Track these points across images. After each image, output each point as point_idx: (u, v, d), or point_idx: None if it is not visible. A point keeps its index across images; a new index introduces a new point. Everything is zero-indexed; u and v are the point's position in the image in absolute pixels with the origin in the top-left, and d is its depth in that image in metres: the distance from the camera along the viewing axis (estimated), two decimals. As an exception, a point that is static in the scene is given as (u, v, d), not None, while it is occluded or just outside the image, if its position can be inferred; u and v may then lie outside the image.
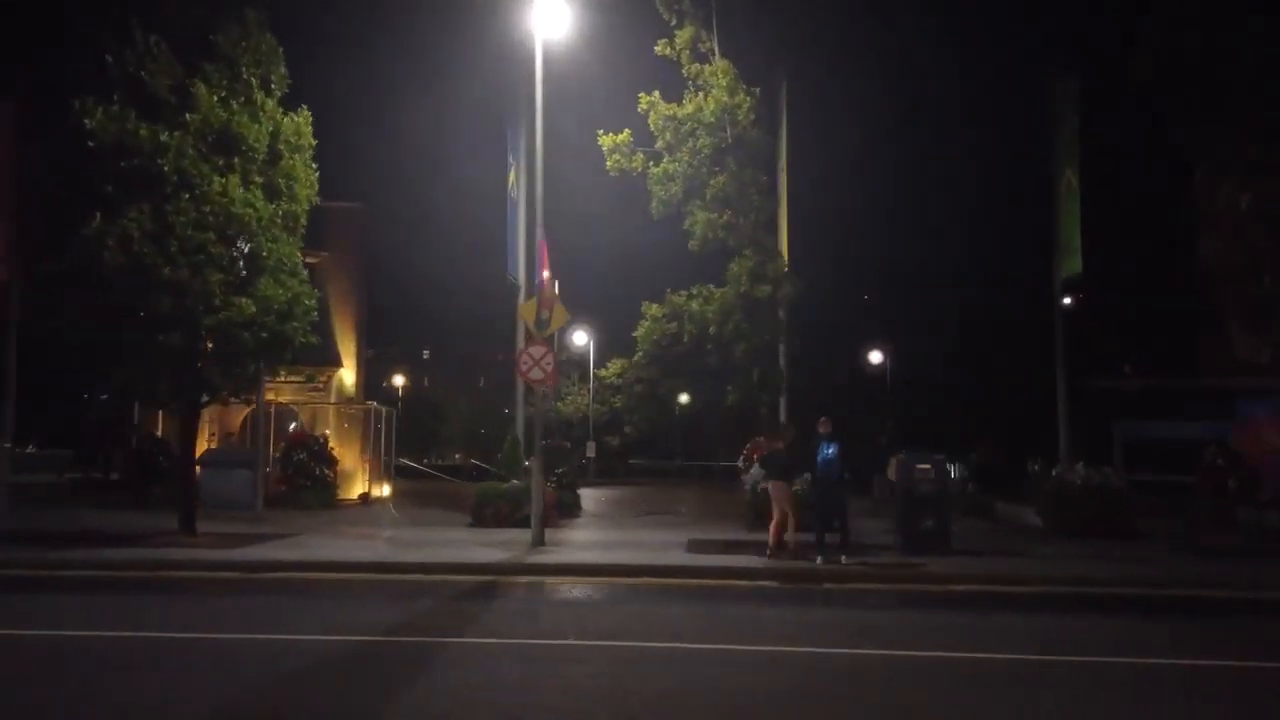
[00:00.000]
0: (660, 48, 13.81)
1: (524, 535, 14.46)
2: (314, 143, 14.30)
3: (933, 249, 32.09)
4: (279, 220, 13.49)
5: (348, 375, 25.20)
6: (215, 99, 13.10)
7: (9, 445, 18.94)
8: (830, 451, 11.55)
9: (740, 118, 12.99)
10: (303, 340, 13.72)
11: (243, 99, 13.45)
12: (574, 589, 10.09)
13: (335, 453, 21.77)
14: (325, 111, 14.76)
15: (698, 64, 13.78)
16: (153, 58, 13.04)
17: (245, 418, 25.47)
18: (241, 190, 12.99)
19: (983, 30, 47.19)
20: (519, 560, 11.64)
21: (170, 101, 13.06)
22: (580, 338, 49.98)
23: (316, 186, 14.35)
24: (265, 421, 19.60)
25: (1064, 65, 16.89)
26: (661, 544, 13.67)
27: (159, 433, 24.65)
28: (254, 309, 12.89)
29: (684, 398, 55.94)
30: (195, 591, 9.79)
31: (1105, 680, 6.49)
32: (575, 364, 51.85)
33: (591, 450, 46.22)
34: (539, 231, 13.80)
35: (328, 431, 23.36)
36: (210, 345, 12.99)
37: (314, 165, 14.29)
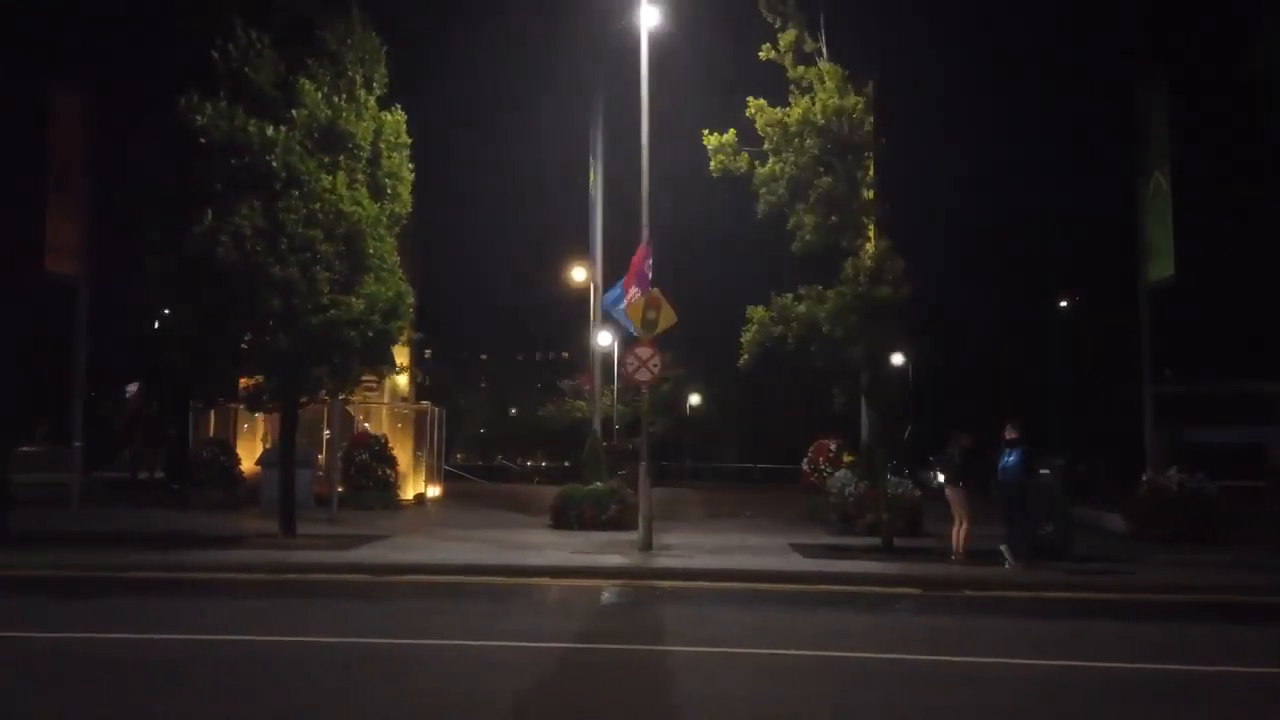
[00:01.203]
0: (764, 52, 13.65)
1: (621, 537, 14.40)
2: (409, 141, 14.16)
3: (1001, 252, 32.08)
4: (385, 220, 13.35)
5: (400, 375, 25.01)
6: (319, 95, 12.97)
7: (79, 444, 18.82)
8: (1012, 458, 11.47)
9: (856, 118, 12.87)
10: (403, 340, 13.58)
11: (345, 96, 13.31)
12: (720, 594, 9.94)
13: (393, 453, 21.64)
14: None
15: (802, 66, 13.65)
16: (256, 53, 12.88)
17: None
18: (349, 189, 12.85)
19: (1070, 29, 47.12)
20: (643, 564, 11.50)
21: (274, 97, 12.91)
22: (605, 338, 49.84)
23: (412, 186, 14.22)
24: (335, 422, 19.41)
25: (1154, 65, 16.83)
26: (766, 548, 13.55)
27: (210, 433, 24.47)
28: (362, 307, 12.75)
29: (695, 399, 55.80)
30: (341, 595, 9.62)
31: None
32: (602, 363, 51.64)
33: (615, 452, 46.03)
34: (645, 232, 13.69)
35: (378, 431, 23.22)
36: (316, 345, 12.82)
37: (411, 165, 14.17)
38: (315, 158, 12.80)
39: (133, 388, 38.49)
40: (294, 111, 12.72)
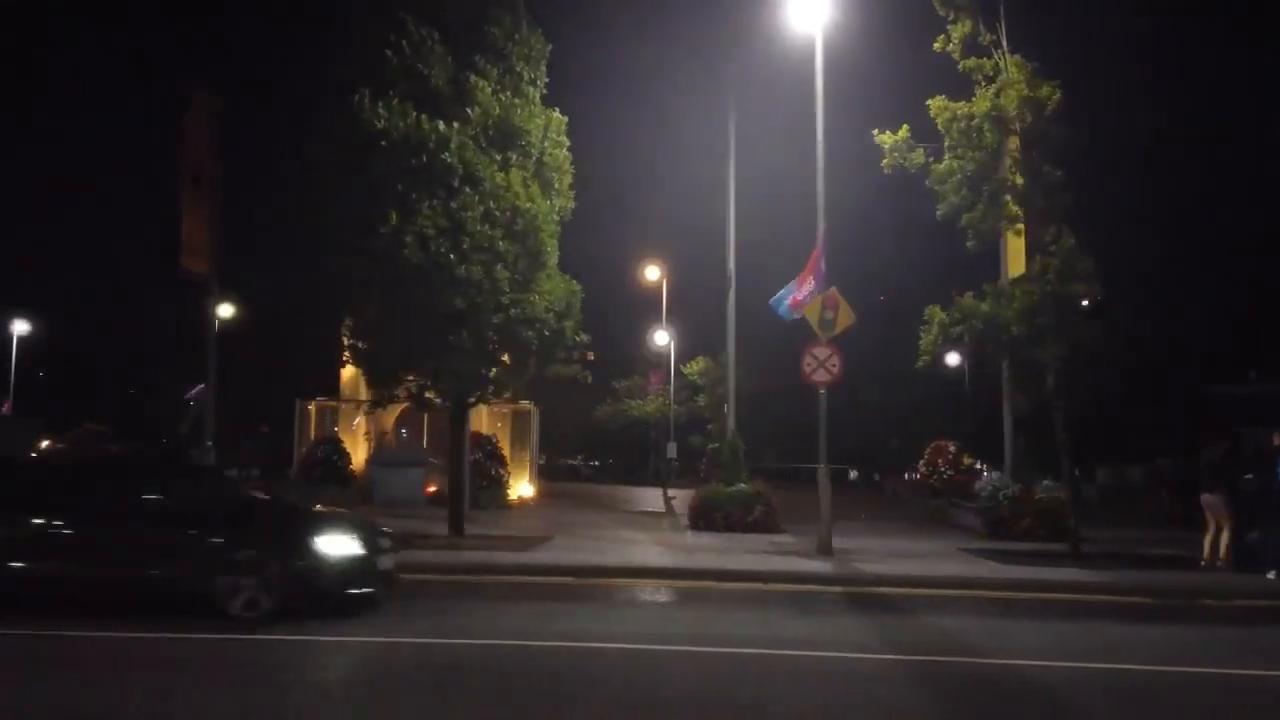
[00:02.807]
0: (939, 44, 13.42)
1: (779, 540, 14.43)
2: (568, 141, 13.95)
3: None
4: (555, 217, 13.17)
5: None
6: (489, 91, 12.79)
7: (210, 444, 18.81)
8: None
9: (1048, 111, 12.56)
10: (574, 339, 13.38)
11: (512, 92, 13.14)
12: (953, 601, 9.67)
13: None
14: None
15: (975, 58, 13.38)
16: (428, 50, 12.71)
17: (398, 417, 25.26)
18: (523, 186, 12.67)
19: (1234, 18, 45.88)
20: (849, 571, 11.23)
21: (447, 95, 12.75)
22: (661, 337, 49.61)
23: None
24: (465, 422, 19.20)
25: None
26: (939, 552, 13.34)
27: (312, 432, 24.48)
28: (543, 306, 12.58)
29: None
30: (581, 599, 9.47)
31: None
32: (653, 363, 51.43)
33: (673, 451, 45.87)
34: (820, 230, 13.43)
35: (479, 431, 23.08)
36: (495, 344, 12.64)
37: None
38: (488, 155, 12.65)
39: (197, 389, 38.38)
40: (469, 110, 12.55)
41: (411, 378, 13.33)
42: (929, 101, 13.02)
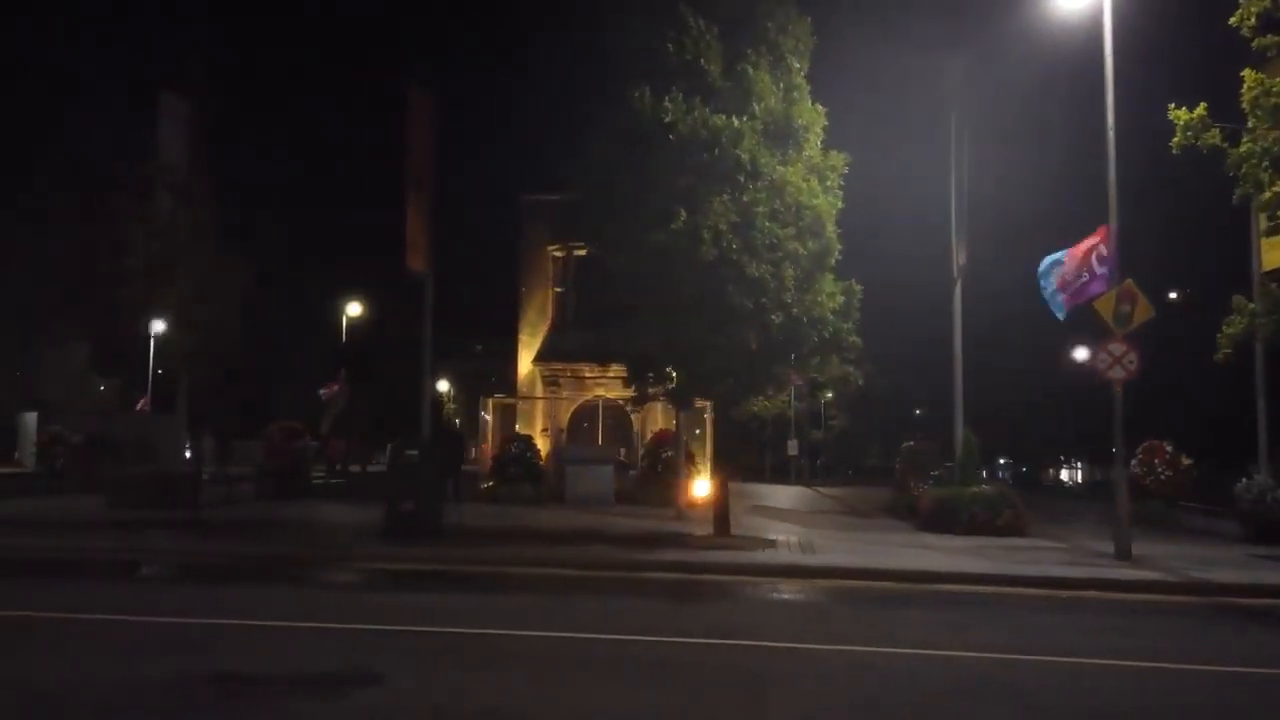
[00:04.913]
0: (1234, 19, 12.69)
1: (1041, 544, 13.85)
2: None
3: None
4: (834, 213, 12.85)
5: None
6: (767, 84, 12.54)
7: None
8: None
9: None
10: (851, 339, 13.05)
11: (782, 85, 12.87)
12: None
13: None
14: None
15: (1272, 35, 12.62)
16: (706, 44, 12.52)
17: (573, 412, 25.41)
18: (805, 181, 12.39)
19: None
20: (1185, 579, 10.64)
21: (724, 88, 12.55)
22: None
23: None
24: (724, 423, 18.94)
25: None
26: (1229, 560, 12.51)
27: (490, 429, 24.75)
28: (826, 306, 12.29)
29: (829, 394, 55.28)
30: (929, 604, 9.22)
31: None
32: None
33: (794, 448, 45.23)
34: (1112, 220, 12.82)
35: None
36: (777, 344, 12.40)
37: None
38: (770, 150, 12.41)
39: (330, 388, 38.93)
40: (755, 105, 12.32)
41: (675, 374, 13.20)
42: (1244, 73, 12.30)
